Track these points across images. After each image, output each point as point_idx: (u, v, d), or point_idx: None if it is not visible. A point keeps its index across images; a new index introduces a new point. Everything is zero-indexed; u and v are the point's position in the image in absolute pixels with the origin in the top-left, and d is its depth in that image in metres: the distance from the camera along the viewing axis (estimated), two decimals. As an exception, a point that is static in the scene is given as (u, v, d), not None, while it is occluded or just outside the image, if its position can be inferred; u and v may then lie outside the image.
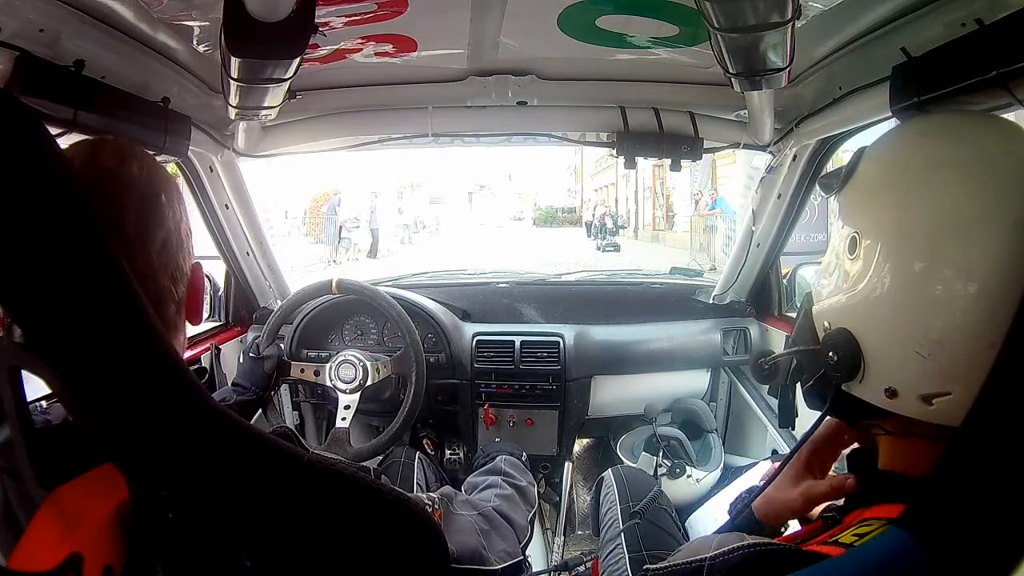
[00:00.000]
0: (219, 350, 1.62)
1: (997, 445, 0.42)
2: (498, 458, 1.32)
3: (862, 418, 0.56)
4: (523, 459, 1.40)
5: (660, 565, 0.56)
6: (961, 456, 0.43)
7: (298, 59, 0.83)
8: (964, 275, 0.47)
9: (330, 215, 13.36)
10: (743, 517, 0.72)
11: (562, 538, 1.78)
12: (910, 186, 0.51)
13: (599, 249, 15.09)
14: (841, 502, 0.61)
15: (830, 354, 0.54)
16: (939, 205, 0.49)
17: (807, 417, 0.63)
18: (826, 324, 0.56)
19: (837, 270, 0.56)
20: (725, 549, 0.50)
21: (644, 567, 0.56)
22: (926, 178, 0.50)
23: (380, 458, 1.52)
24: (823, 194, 0.63)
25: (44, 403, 0.51)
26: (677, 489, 1.56)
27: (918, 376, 0.49)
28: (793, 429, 0.68)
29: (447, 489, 1.09)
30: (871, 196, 0.54)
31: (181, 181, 1.53)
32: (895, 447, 0.55)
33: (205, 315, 1.75)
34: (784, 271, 1.79)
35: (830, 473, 0.69)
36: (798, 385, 0.62)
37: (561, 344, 1.72)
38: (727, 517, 0.77)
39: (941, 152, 0.52)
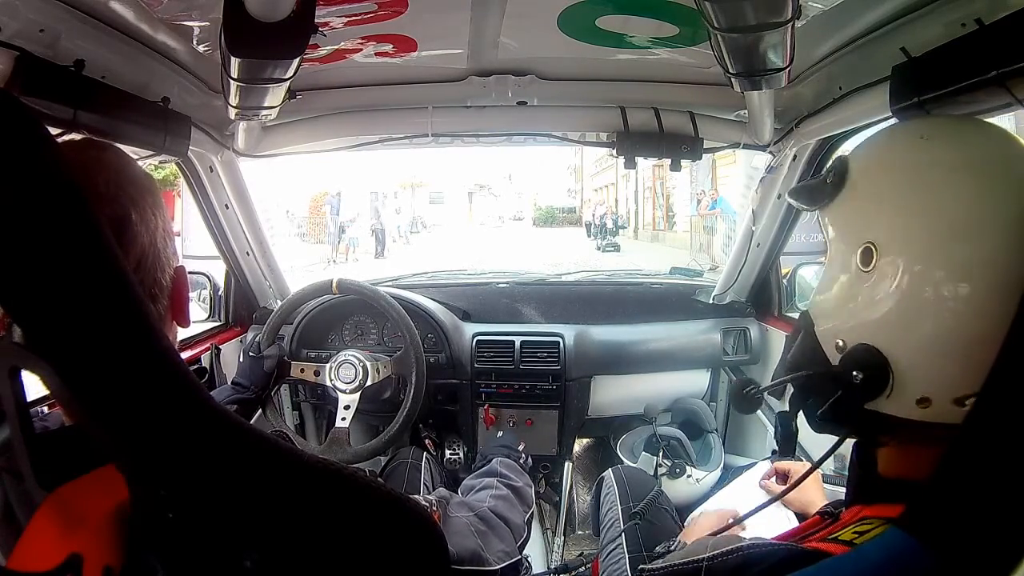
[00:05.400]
0: (219, 350, 1.62)
1: (996, 446, 0.42)
2: (494, 460, 1.32)
3: (880, 433, 0.54)
4: (521, 459, 1.40)
5: (656, 566, 0.56)
6: (961, 457, 0.43)
7: (298, 59, 0.83)
8: (995, 273, 0.46)
9: (331, 215, 13.39)
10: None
11: (562, 538, 1.78)
12: (928, 190, 0.50)
13: (599, 249, 15.10)
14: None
15: (854, 373, 0.51)
16: (957, 207, 0.48)
17: (806, 437, 0.62)
18: (839, 343, 0.53)
19: (845, 285, 0.54)
20: (723, 550, 0.50)
21: (640, 567, 0.56)
22: (943, 181, 0.50)
23: (386, 458, 1.52)
24: (804, 206, 0.61)
25: (45, 408, 0.51)
26: (677, 489, 1.55)
27: (953, 379, 0.47)
28: (792, 456, 0.66)
29: (443, 491, 1.09)
30: (883, 204, 0.52)
31: (181, 181, 1.54)
32: (898, 453, 0.54)
33: (204, 316, 1.75)
34: (784, 271, 1.79)
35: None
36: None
37: (561, 344, 1.71)
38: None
39: (950, 155, 0.51)
